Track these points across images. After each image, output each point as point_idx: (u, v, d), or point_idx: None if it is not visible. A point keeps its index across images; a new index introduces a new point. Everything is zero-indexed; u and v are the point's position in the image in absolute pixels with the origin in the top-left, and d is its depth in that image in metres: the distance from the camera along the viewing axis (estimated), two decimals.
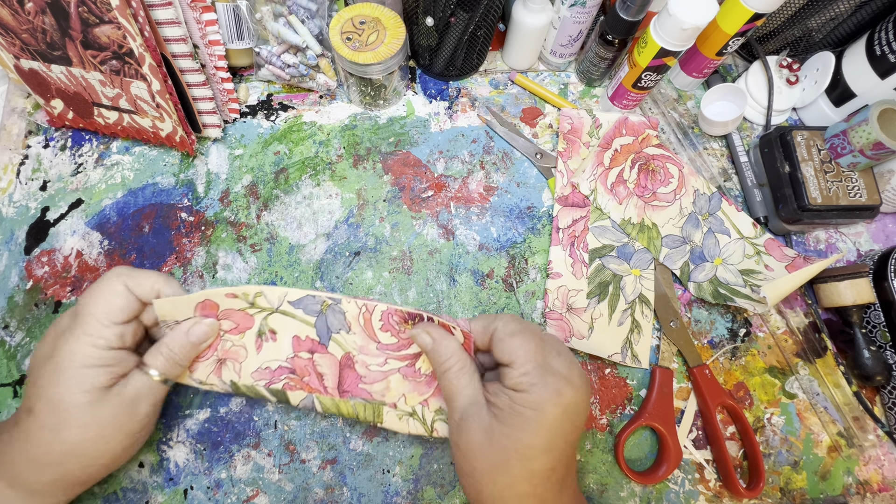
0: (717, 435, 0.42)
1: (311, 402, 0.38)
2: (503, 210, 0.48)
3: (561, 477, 0.31)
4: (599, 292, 0.45)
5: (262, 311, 0.37)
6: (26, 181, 0.48)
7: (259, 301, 0.37)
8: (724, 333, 0.46)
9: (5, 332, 0.43)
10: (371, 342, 0.38)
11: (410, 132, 0.51)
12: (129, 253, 0.45)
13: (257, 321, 0.38)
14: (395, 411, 0.38)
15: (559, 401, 0.30)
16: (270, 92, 0.51)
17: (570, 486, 0.33)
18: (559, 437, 0.30)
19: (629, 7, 0.42)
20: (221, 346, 0.38)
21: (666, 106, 0.53)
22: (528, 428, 0.30)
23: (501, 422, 0.31)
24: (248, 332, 0.38)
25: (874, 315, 0.45)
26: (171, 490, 0.40)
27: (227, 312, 0.37)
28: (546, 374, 0.31)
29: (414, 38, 0.49)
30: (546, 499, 0.31)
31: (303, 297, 0.37)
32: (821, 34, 0.50)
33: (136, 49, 0.39)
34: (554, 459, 0.30)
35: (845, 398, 0.44)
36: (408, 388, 0.38)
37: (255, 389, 0.38)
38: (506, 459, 0.30)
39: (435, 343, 0.35)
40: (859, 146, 0.42)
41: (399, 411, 0.38)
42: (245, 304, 0.37)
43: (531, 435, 0.30)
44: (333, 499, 0.40)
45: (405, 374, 0.38)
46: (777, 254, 0.46)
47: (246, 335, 0.38)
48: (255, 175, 0.48)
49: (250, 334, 0.38)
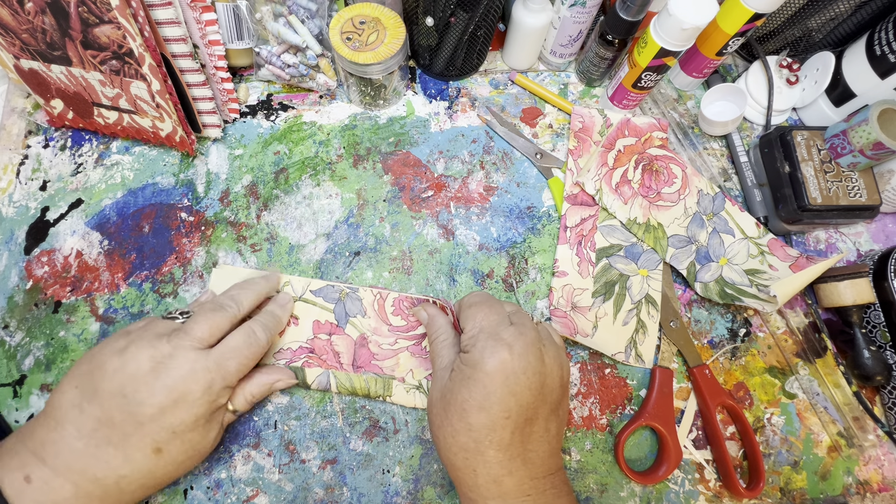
0: (717, 435, 0.42)
1: (327, 377, 0.42)
2: (503, 210, 0.48)
3: (505, 441, 0.32)
4: (605, 291, 0.45)
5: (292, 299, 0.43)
6: (26, 181, 0.48)
7: (286, 290, 0.43)
8: (724, 333, 0.46)
9: (5, 332, 0.43)
10: (384, 325, 0.43)
11: (410, 132, 0.51)
12: (129, 253, 0.45)
13: None
14: (402, 385, 0.42)
15: (494, 362, 0.32)
16: (270, 92, 0.51)
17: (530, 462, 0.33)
18: (494, 397, 0.32)
19: (629, 7, 0.42)
20: None
21: (666, 106, 0.53)
22: (464, 383, 0.33)
23: (451, 380, 0.35)
24: None
25: (874, 315, 0.45)
26: (170, 490, 0.40)
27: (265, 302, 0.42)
28: (490, 338, 0.34)
29: (414, 38, 0.49)
30: (488, 456, 0.32)
31: (323, 287, 0.44)
32: (821, 34, 0.50)
33: (136, 49, 0.39)
34: (490, 419, 0.32)
35: (845, 398, 0.44)
36: (415, 364, 0.42)
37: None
38: (446, 412, 0.34)
39: (430, 318, 0.40)
40: (859, 146, 0.42)
41: (406, 385, 0.42)
42: (273, 293, 0.42)
43: (465, 390, 0.33)
44: (333, 499, 0.40)
45: (413, 351, 0.43)
46: (780, 254, 0.46)
47: None
48: (255, 175, 0.48)
49: None
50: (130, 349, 0.33)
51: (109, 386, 0.33)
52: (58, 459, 0.32)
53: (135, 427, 0.32)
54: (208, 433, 0.35)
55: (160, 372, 0.33)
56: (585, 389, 0.44)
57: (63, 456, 0.32)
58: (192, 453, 0.35)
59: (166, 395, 0.32)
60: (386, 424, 0.42)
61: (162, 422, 0.33)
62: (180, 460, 0.34)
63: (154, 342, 0.34)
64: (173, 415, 0.33)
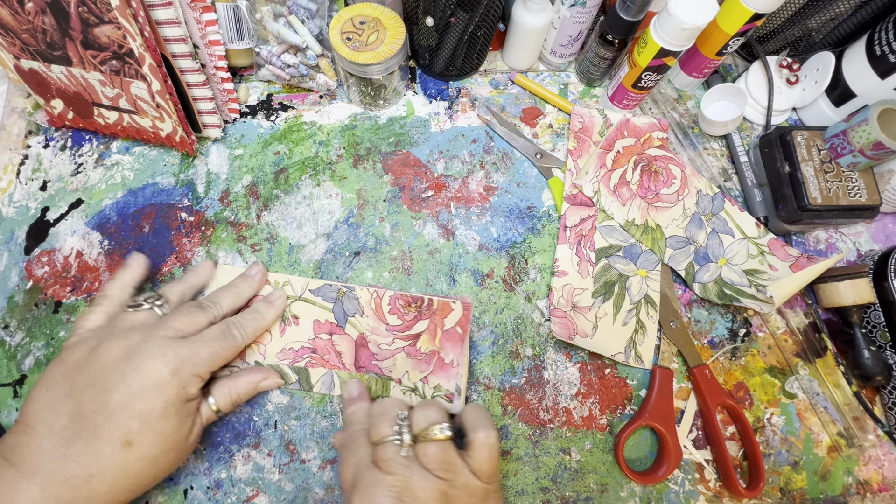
0: (717, 435, 0.42)
1: (331, 378, 0.42)
2: (503, 210, 0.48)
3: None
4: (605, 292, 0.45)
5: (287, 298, 0.43)
6: (26, 181, 0.48)
7: (286, 290, 0.44)
8: (724, 333, 0.46)
9: (5, 332, 0.43)
10: (381, 324, 0.43)
11: (410, 132, 0.51)
12: (129, 253, 0.45)
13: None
14: (399, 387, 0.42)
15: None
16: (270, 92, 0.51)
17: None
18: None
19: (629, 7, 0.42)
20: None
21: (666, 106, 0.53)
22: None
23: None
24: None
25: (874, 315, 0.45)
26: (170, 490, 0.40)
27: (257, 299, 0.43)
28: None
29: (414, 38, 0.49)
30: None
31: (322, 286, 0.44)
32: (821, 34, 0.50)
33: (136, 49, 0.39)
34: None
35: (845, 398, 0.44)
36: (410, 366, 0.42)
37: (280, 369, 0.42)
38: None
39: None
40: (859, 146, 0.42)
41: (403, 387, 0.42)
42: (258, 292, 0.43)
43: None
44: (333, 499, 0.40)
45: (408, 352, 0.42)
46: (781, 253, 0.46)
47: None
48: (255, 175, 0.48)
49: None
50: (104, 344, 0.34)
51: (82, 380, 0.33)
52: (25, 462, 0.31)
53: (105, 417, 0.32)
54: (181, 425, 0.34)
55: (132, 358, 0.33)
56: (585, 389, 0.44)
57: (32, 458, 0.31)
58: (165, 447, 0.33)
59: (136, 378, 0.32)
60: None
61: (132, 408, 0.32)
62: (153, 455, 0.33)
63: (128, 333, 0.35)
64: (143, 399, 0.32)
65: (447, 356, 0.42)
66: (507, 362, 0.44)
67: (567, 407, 0.43)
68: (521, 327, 0.45)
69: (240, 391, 0.39)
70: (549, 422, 0.43)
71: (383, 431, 0.33)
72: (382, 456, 0.32)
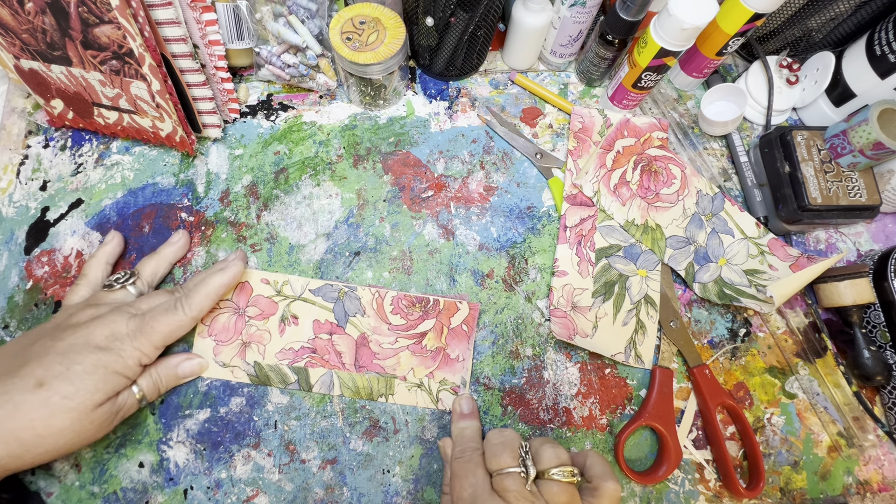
0: (717, 435, 0.42)
1: (330, 378, 0.42)
2: (503, 210, 0.48)
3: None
4: (605, 291, 0.45)
5: (286, 298, 0.43)
6: (26, 181, 0.48)
7: (285, 289, 0.44)
8: (724, 333, 0.46)
9: (5, 332, 0.43)
10: (383, 324, 0.43)
11: (410, 132, 0.51)
12: (129, 253, 0.45)
13: (280, 307, 0.43)
14: (404, 384, 0.42)
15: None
16: (270, 92, 0.51)
17: None
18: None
19: (629, 7, 0.42)
20: (246, 330, 0.43)
21: (666, 106, 0.53)
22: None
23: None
24: (272, 318, 0.43)
25: (874, 315, 0.45)
26: (171, 490, 0.40)
27: (255, 299, 0.43)
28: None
29: (414, 38, 0.49)
30: None
31: (322, 286, 0.44)
32: (821, 34, 0.50)
33: (136, 49, 0.39)
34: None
35: (845, 398, 0.44)
36: (415, 363, 0.43)
37: (279, 369, 0.42)
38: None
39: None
40: (859, 146, 0.42)
41: (408, 383, 0.42)
42: (273, 292, 0.44)
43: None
44: (333, 499, 0.40)
45: (413, 350, 0.43)
46: (781, 253, 0.46)
47: (270, 320, 0.43)
48: (255, 175, 0.48)
49: (274, 319, 0.43)
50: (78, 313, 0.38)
51: (47, 334, 0.36)
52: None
53: (38, 358, 0.33)
54: (98, 389, 0.34)
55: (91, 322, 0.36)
56: (585, 389, 0.44)
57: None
58: (71, 405, 0.33)
59: (83, 336, 0.35)
60: (386, 424, 0.42)
61: (65, 356, 0.34)
62: (54, 402, 0.32)
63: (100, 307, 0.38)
64: (78, 352, 0.34)
65: (453, 352, 0.43)
66: (507, 362, 0.44)
67: (567, 407, 0.43)
68: (521, 327, 0.45)
69: (160, 374, 0.39)
70: (550, 422, 0.43)
71: (506, 461, 0.34)
72: (507, 486, 0.32)
